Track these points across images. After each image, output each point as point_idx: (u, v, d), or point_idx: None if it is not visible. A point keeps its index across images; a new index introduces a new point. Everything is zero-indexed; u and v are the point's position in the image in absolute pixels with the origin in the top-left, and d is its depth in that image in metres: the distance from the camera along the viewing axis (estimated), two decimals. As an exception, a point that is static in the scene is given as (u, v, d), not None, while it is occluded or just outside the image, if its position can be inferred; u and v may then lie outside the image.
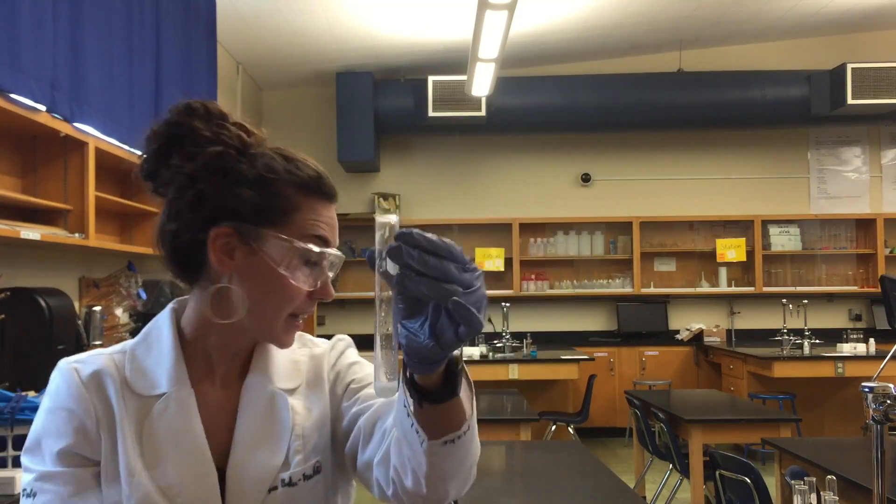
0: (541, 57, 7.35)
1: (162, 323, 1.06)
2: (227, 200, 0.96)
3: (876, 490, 1.46)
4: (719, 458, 3.08)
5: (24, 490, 0.95)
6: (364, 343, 1.58)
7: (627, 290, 7.62)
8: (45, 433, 0.96)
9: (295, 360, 1.08)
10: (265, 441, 1.00)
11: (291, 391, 1.05)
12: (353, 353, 1.15)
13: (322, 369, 1.10)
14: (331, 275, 1.00)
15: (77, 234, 3.05)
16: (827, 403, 6.65)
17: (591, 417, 6.36)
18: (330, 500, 1.06)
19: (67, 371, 1.02)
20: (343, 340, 1.15)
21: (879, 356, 6.09)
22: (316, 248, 0.97)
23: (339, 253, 1.01)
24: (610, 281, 7.72)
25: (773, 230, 7.69)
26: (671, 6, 6.34)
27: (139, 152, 1.03)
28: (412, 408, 0.82)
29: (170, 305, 1.09)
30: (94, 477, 0.95)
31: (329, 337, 1.18)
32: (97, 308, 3.42)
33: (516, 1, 4.11)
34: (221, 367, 1.03)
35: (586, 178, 7.86)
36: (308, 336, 1.13)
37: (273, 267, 0.96)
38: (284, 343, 1.02)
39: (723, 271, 7.64)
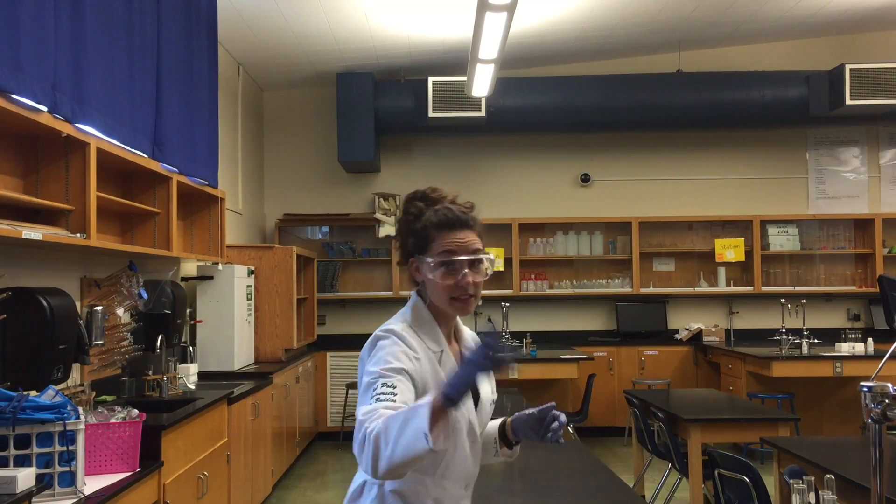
0: (541, 57, 7.36)
1: (420, 308, 1.72)
2: (407, 246, 1.72)
3: (874, 489, 1.47)
4: (718, 458, 3.09)
5: (369, 380, 1.51)
6: (362, 342, 1.60)
7: (627, 289, 7.63)
8: (385, 358, 1.55)
9: (470, 335, 1.83)
10: (487, 380, 1.75)
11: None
12: None
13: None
14: (466, 271, 1.64)
15: (78, 234, 3.06)
16: (825, 403, 6.67)
17: (591, 417, 6.37)
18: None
19: (385, 335, 1.62)
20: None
21: (878, 356, 6.11)
22: (437, 259, 1.65)
23: (463, 258, 1.64)
24: (609, 281, 7.73)
25: (772, 230, 7.70)
26: (670, 7, 6.34)
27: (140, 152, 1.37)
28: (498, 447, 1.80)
29: (414, 297, 1.75)
30: (411, 386, 1.55)
31: (334, 336, 1.35)
32: (99, 308, 3.43)
33: (516, 2, 4.12)
34: (445, 331, 1.72)
35: (586, 179, 7.87)
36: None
37: (428, 276, 1.67)
38: (460, 314, 1.71)
39: (721, 271, 7.65)
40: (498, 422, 1.80)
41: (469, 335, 1.81)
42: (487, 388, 1.74)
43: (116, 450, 2.76)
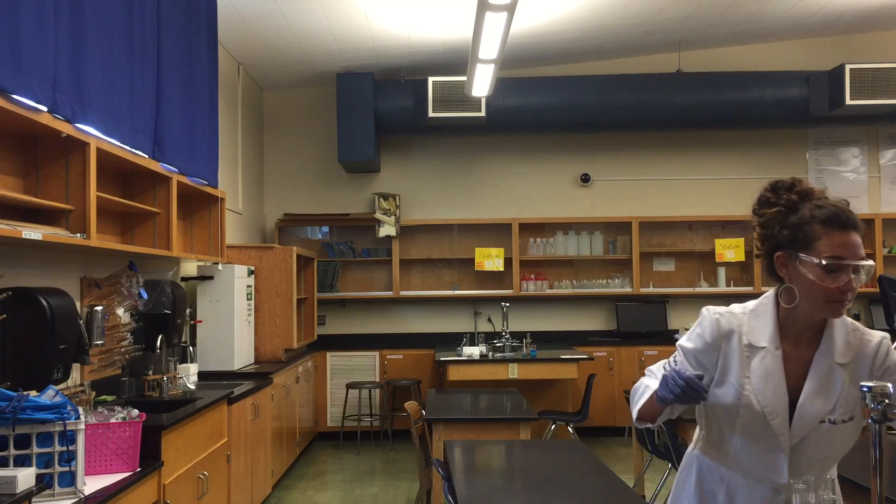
0: (541, 57, 7.36)
1: (769, 301, 1.72)
2: (777, 238, 1.67)
3: (874, 489, 1.47)
4: (718, 458, 3.08)
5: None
6: (362, 342, 1.60)
7: (627, 289, 7.63)
8: (689, 339, 1.80)
9: (849, 341, 1.68)
10: (824, 394, 1.64)
11: (844, 365, 1.66)
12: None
13: (868, 356, 1.67)
14: (855, 276, 1.58)
15: (78, 235, 3.06)
16: (825, 403, 6.66)
17: (591, 417, 6.37)
18: (853, 437, 1.68)
19: (703, 314, 1.77)
20: (887, 338, 1.70)
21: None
22: (824, 262, 1.57)
23: (854, 263, 1.57)
24: (609, 281, 7.73)
25: (772, 230, 7.70)
26: (670, 7, 6.34)
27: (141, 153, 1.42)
28: None
29: (773, 291, 1.73)
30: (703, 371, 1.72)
31: (334, 336, 1.33)
32: (99, 308, 3.43)
33: (516, 2, 4.12)
34: (797, 335, 1.68)
35: (586, 179, 7.87)
36: (860, 325, 1.72)
37: (805, 275, 1.61)
38: (831, 316, 1.65)
39: (721, 271, 7.65)
40: None
41: (841, 340, 1.68)
42: (824, 404, 1.65)
43: (116, 450, 2.76)
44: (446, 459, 3.35)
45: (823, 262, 1.57)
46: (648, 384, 1.80)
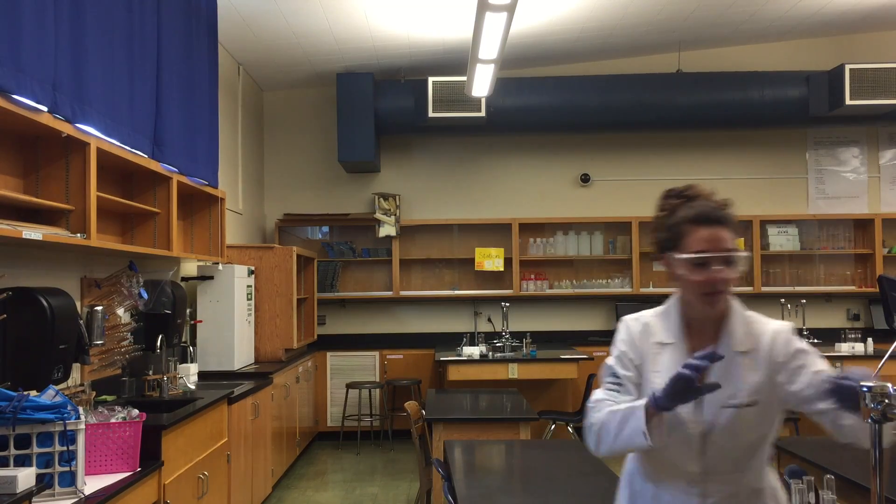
0: (541, 57, 7.36)
1: (674, 301, 1.79)
2: (660, 241, 1.78)
3: (874, 489, 1.48)
4: (718, 458, 3.08)
5: (606, 366, 1.82)
6: (362, 342, 1.60)
7: (626, 289, 7.63)
8: (615, 350, 1.82)
9: (748, 332, 1.74)
10: (724, 380, 1.65)
11: (744, 353, 1.72)
12: (798, 342, 1.72)
13: (767, 345, 1.72)
14: (717, 267, 1.65)
15: (79, 235, 3.06)
16: (825, 403, 6.66)
17: (591, 417, 6.36)
18: (760, 425, 1.72)
19: (621, 323, 1.84)
20: (785, 327, 1.74)
21: (878, 356, 6.11)
22: (688, 256, 1.67)
23: (716, 255, 1.65)
24: (609, 281, 7.73)
25: (772, 230, 7.71)
26: (670, 7, 6.34)
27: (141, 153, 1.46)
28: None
29: (676, 294, 1.79)
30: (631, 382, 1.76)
31: (334, 336, 1.33)
32: (99, 308, 3.43)
33: (516, 2, 4.12)
34: (700, 330, 1.75)
35: (586, 179, 7.87)
36: (762, 317, 1.77)
37: (680, 273, 1.71)
38: (707, 311, 1.71)
39: (722, 271, 7.64)
40: None
41: (741, 331, 1.73)
42: (725, 390, 1.66)
43: (116, 450, 2.76)
44: (446, 459, 3.35)
45: (688, 257, 1.67)
46: (615, 410, 1.70)
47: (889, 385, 1.42)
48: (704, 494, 1.71)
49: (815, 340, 6.50)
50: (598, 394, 1.77)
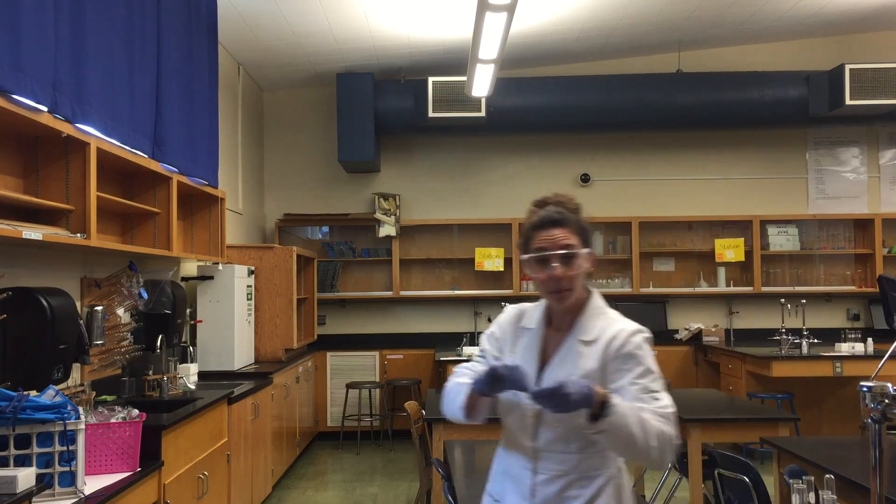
0: (541, 57, 7.36)
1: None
2: (521, 246, 1.89)
3: (874, 489, 1.48)
4: (718, 457, 3.09)
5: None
6: (362, 342, 1.62)
7: (626, 289, 7.63)
8: (487, 336, 2.01)
9: (599, 325, 1.85)
10: (564, 365, 1.83)
11: (588, 343, 1.84)
12: (636, 349, 1.81)
13: (607, 340, 1.82)
14: (555, 265, 1.78)
15: (79, 234, 3.06)
16: (825, 403, 6.67)
17: (591, 417, 6.36)
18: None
19: (506, 310, 2.01)
20: (638, 334, 1.83)
21: (878, 356, 6.11)
22: (528, 256, 1.84)
23: (548, 253, 1.79)
24: (609, 281, 7.72)
25: (772, 230, 7.71)
26: (670, 7, 6.35)
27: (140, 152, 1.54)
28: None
29: None
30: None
31: (334, 336, 1.39)
32: (99, 308, 3.43)
33: (516, 2, 4.12)
34: (559, 321, 1.89)
35: (585, 179, 7.87)
36: (617, 315, 1.89)
37: (530, 273, 1.86)
38: (556, 305, 1.86)
39: (721, 271, 7.65)
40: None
41: (591, 324, 1.85)
42: (560, 373, 1.80)
43: (116, 450, 2.76)
44: (446, 459, 3.35)
45: (526, 257, 1.84)
46: (459, 382, 1.88)
47: (889, 385, 1.42)
48: (535, 471, 1.81)
49: (815, 340, 6.50)
50: (465, 364, 1.96)
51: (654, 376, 1.79)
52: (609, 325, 1.84)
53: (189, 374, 4.45)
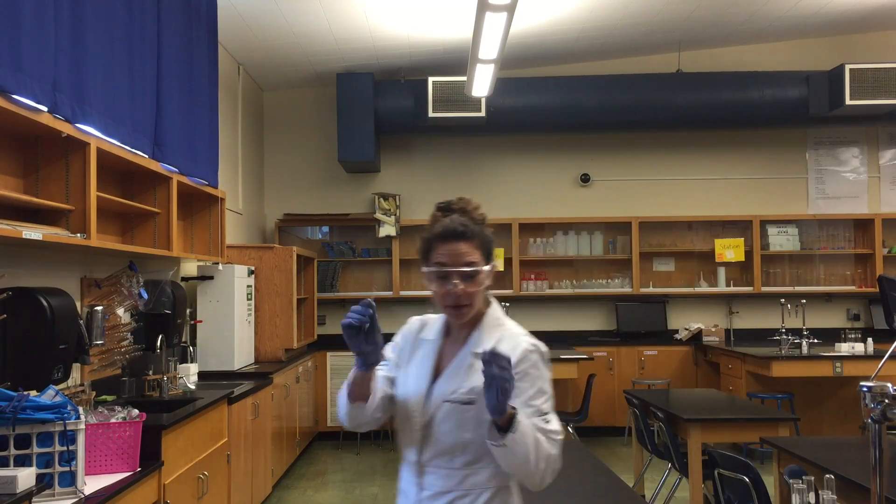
0: (541, 57, 7.36)
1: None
2: (419, 253, 1.81)
3: (874, 489, 1.48)
4: (718, 457, 3.09)
5: None
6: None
7: (626, 289, 7.63)
8: (392, 341, 1.92)
9: (496, 336, 1.77)
10: (455, 378, 1.76)
11: (478, 355, 1.63)
12: (531, 367, 1.73)
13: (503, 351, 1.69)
14: (456, 282, 1.71)
15: (79, 234, 3.06)
16: (825, 403, 6.67)
17: (591, 416, 6.37)
18: (478, 427, 1.68)
19: (409, 321, 1.95)
20: (535, 352, 1.75)
21: (877, 356, 6.11)
22: (429, 269, 1.75)
23: (449, 269, 1.71)
24: (609, 281, 7.73)
25: (772, 230, 7.71)
26: (670, 7, 6.35)
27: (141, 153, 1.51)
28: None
29: None
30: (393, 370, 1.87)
31: (334, 336, 1.41)
32: (99, 308, 3.43)
33: (516, 2, 4.12)
34: (457, 333, 1.82)
35: (585, 179, 7.87)
36: (515, 328, 1.82)
37: (429, 285, 1.77)
38: (454, 321, 1.80)
39: (721, 271, 7.65)
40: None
41: (487, 336, 1.78)
42: (449, 386, 1.74)
43: (116, 450, 2.76)
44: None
45: (426, 270, 1.76)
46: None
47: (889, 385, 1.42)
48: (421, 486, 1.76)
49: (815, 340, 6.51)
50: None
51: (547, 397, 1.71)
52: (504, 339, 1.75)
53: (189, 374, 4.45)
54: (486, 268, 1.76)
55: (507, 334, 1.78)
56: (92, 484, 2.54)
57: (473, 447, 1.71)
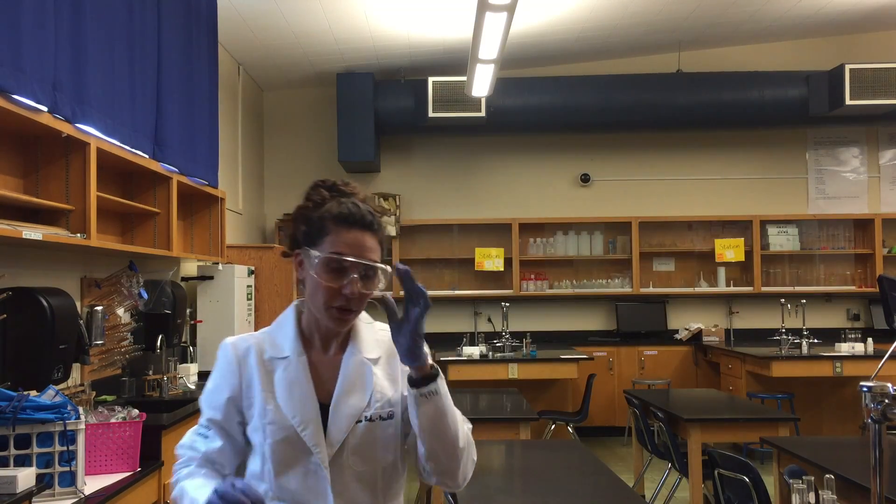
0: (541, 57, 7.36)
1: (290, 313, 1.60)
2: (296, 235, 1.51)
3: (874, 489, 1.48)
4: (718, 457, 3.09)
5: (201, 406, 1.54)
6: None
7: (626, 289, 7.63)
8: (210, 382, 1.54)
9: (377, 339, 1.56)
10: (356, 391, 1.49)
11: (375, 361, 1.53)
12: None
13: (390, 354, 1.51)
14: (355, 276, 1.42)
15: (79, 234, 3.06)
16: (825, 403, 6.67)
17: (591, 417, 6.37)
18: (399, 445, 1.54)
19: (223, 347, 1.57)
20: None
21: (878, 356, 6.11)
22: (326, 256, 1.42)
23: (355, 261, 1.42)
24: (609, 281, 7.73)
25: (772, 230, 7.71)
26: (670, 7, 6.35)
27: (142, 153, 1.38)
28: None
29: (294, 302, 1.62)
30: (236, 425, 1.51)
31: None
32: (99, 308, 3.43)
33: (516, 2, 4.12)
34: (324, 341, 1.54)
35: (585, 179, 7.87)
36: (377, 322, 1.58)
37: (311, 273, 1.45)
38: (335, 327, 1.49)
39: (721, 271, 7.65)
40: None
41: (370, 338, 1.55)
42: (355, 401, 1.48)
43: (117, 450, 2.76)
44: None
45: (324, 257, 1.43)
46: (192, 493, 1.41)
47: (889, 385, 1.42)
48: None
49: (815, 340, 6.51)
50: (187, 436, 1.53)
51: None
52: (387, 337, 1.45)
53: (189, 374, 4.45)
54: (389, 268, 1.46)
55: (385, 331, 1.50)
56: (92, 484, 2.54)
57: (391, 473, 1.53)
